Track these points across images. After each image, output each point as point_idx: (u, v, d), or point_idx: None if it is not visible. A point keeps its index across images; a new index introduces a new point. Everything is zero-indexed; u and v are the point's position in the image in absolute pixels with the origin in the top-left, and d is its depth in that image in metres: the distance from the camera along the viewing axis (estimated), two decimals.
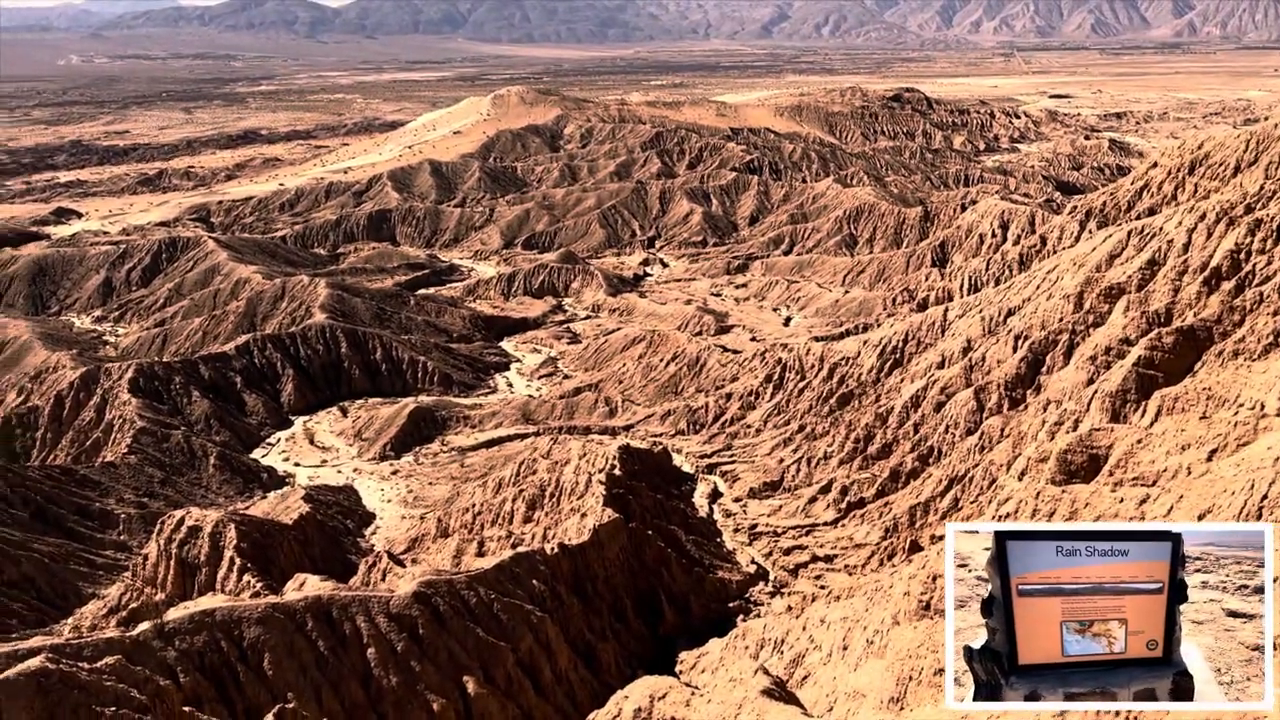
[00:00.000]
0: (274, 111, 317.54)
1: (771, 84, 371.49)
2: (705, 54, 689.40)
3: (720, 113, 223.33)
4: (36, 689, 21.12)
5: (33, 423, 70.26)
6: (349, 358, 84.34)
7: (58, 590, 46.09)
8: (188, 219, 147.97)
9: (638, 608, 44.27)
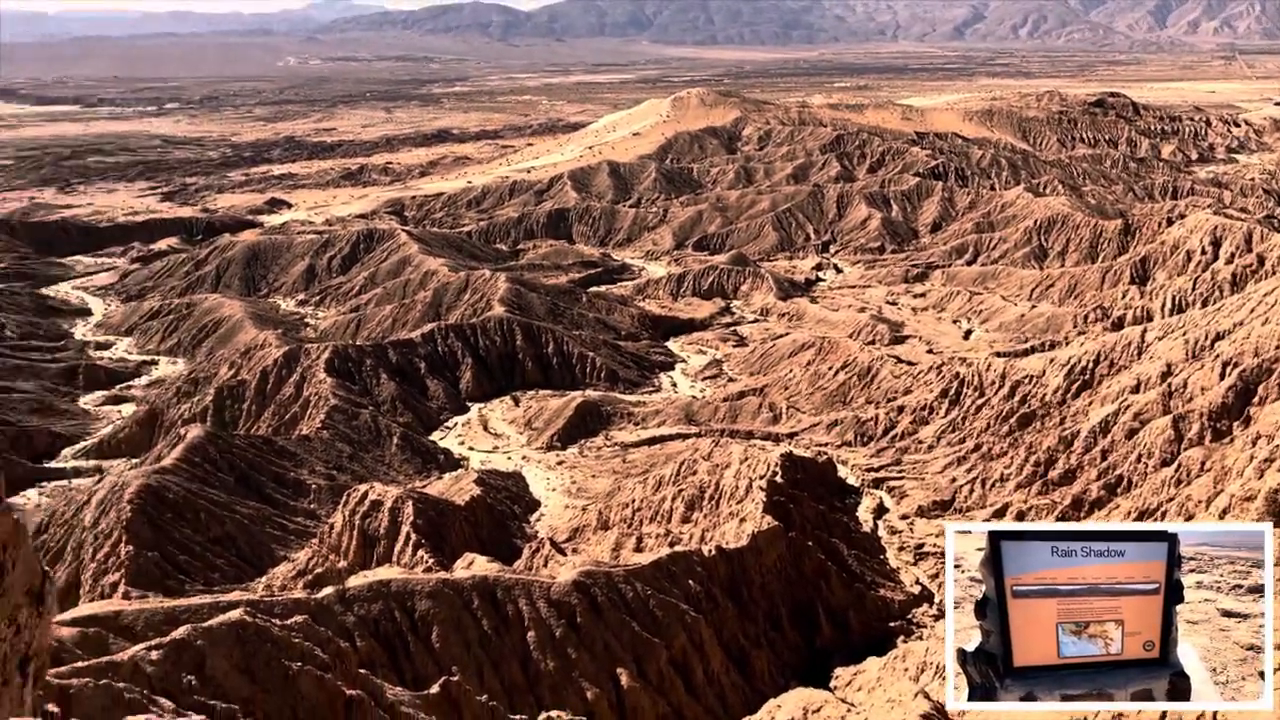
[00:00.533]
0: (466, 112, 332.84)
1: (962, 87, 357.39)
2: (892, 56, 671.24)
3: (905, 116, 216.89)
4: (236, 639, 23.09)
5: (240, 395, 76.58)
6: (523, 350, 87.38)
7: (254, 550, 50.09)
8: (384, 212, 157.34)
9: (793, 618, 43.64)
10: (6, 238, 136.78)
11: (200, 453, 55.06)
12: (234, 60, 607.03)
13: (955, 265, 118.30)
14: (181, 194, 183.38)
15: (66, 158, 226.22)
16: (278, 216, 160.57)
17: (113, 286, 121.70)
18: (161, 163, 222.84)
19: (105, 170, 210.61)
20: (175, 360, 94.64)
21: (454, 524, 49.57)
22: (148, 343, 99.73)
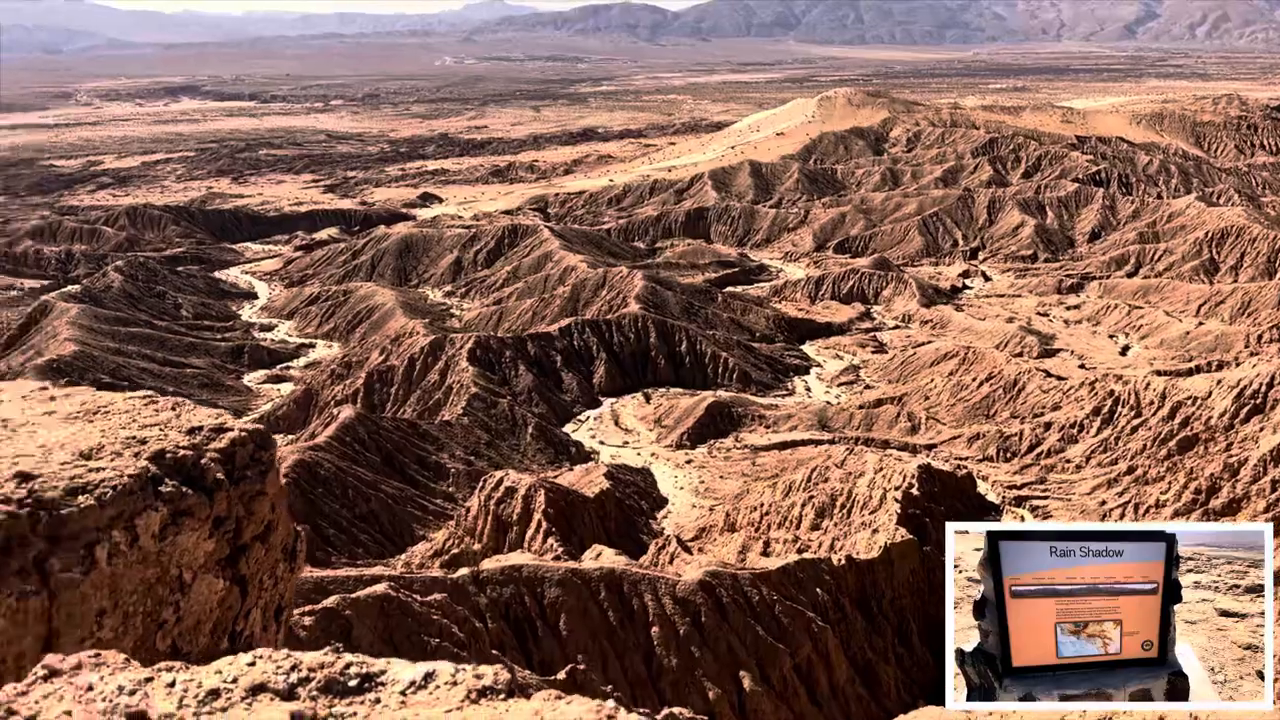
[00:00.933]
0: (611, 111, 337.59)
1: (1130, 89, 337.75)
2: (1054, 56, 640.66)
3: (1066, 119, 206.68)
4: (379, 611, 24.25)
5: (389, 379, 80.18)
6: (656, 347, 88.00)
7: (395, 528, 52.40)
8: (528, 208, 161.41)
9: (924, 634, 42.34)
10: (186, 224, 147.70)
11: (351, 432, 57.96)
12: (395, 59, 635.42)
13: (1114, 277, 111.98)
14: (342, 187, 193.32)
15: (241, 150, 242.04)
16: (429, 210, 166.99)
17: (277, 272, 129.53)
18: (325, 157, 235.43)
19: (275, 163, 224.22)
20: (331, 344, 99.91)
21: (583, 515, 50.45)
22: (307, 326, 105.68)
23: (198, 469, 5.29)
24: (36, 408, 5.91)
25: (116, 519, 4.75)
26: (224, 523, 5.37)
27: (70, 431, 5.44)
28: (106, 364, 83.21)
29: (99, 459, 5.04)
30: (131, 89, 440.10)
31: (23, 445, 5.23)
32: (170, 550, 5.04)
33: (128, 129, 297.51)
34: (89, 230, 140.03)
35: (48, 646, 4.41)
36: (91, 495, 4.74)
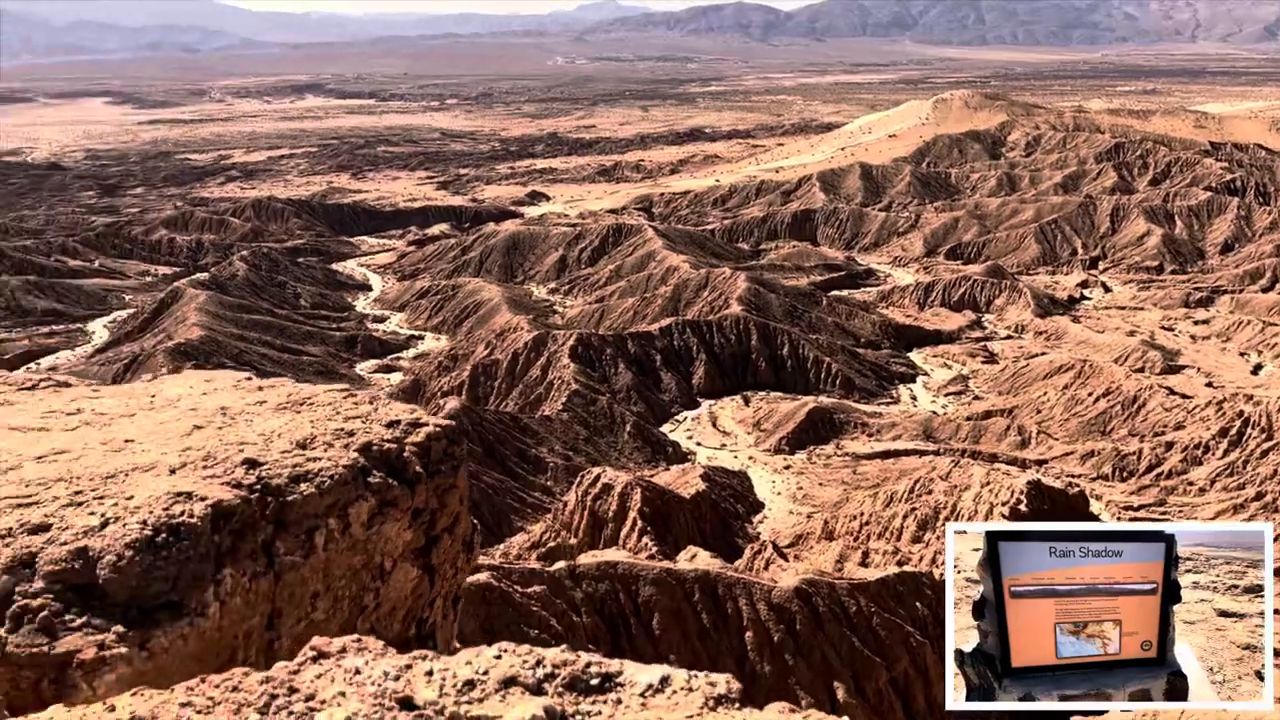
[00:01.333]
0: (719, 111, 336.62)
1: (1270, 94, 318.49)
2: (1188, 58, 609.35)
3: (1199, 124, 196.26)
4: (481, 599, 24.74)
5: (493, 373, 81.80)
6: (757, 350, 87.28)
7: (495, 518, 53.40)
8: (633, 208, 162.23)
9: None
10: (307, 217, 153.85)
11: (455, 423, 59.29)
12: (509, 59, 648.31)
13: (1247, 291, 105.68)
14: (454, 184, 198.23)
15: (360, 147, 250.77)
16: (536, 208, 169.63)
17: (391, 266, 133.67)
18: (439, 154, 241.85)
19: (391, 159, 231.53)
20: (439, 336, 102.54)
21: (678, 515, 50.40)
22: (417, 319, 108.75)
23: (400, 461, 5.57)
24: (248, 397, 6.23)
25: (332, 507, 5.05)
26: (421, 514, 5.67)
27: (283, 421, 5.75)
28: (230, 349, 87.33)
29: (313, 449, 5.34)
30: (261, 87, 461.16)
31: (244, 433, 5.54)
32: (375, 539, 5.34)
33: (256, 125, 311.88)
34: (218, 221, 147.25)
35: (270, 625, 4.73)
36: (311, 484, 5.04)
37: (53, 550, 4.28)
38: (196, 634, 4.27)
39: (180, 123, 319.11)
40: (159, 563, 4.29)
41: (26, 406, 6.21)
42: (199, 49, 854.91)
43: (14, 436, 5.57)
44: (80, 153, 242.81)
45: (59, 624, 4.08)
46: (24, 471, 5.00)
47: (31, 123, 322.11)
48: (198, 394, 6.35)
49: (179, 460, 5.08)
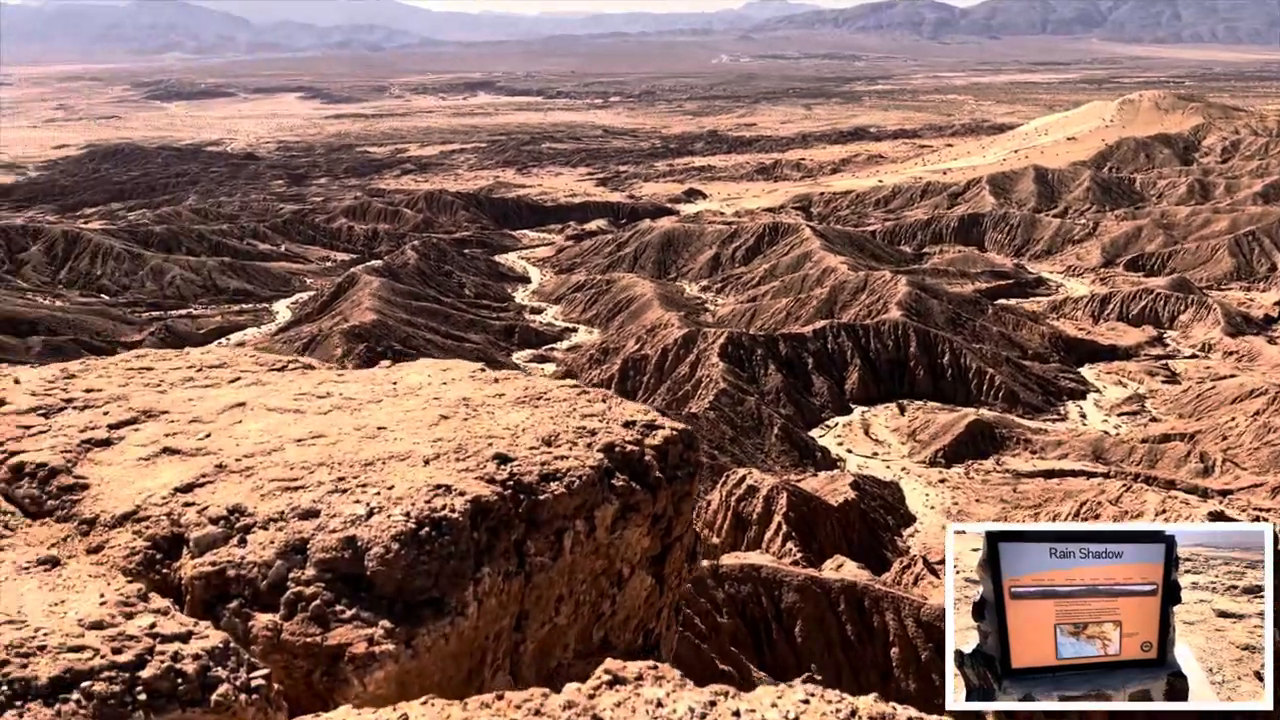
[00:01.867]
0: (885, 110, 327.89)
1: None
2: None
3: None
4: None
5: (642, 368, 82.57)
6: (915, 357, 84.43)
7: None
8: (791, 207, 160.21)
9: None
10: (474, 210, 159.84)
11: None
12: (674, 58, 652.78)
13: None
14: (614, 180, 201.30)
15: (526, 143, 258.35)
16: (692, 206, 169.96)
17: (549, 259, 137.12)
18: (600, 151, 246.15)
19: (555, 156, 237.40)
20: (592, 329, 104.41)
21: (825, 523, 49.34)
22: (572, 311, 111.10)
23: (642, 465, 5.46)
24: (486, 388, 6.26)
25: (580, 509, 4.99)
26: (659, 521, 5.56)
27: (524, 416, 5.72)
28: (399, 333, 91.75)
29: (558, 447, 5.29)
30: (437, 84, 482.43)
31: (490, 426, 5.52)
32: (618, 544, 5.26)
33: (430, 120, 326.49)
34: (392, 211, 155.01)
35: (518, 626, 4.71)
36: (561, 483, 4.97)
37: (323, 538, 4.28)
38: (456, 634, 4.23)
39: (362, 117, 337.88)
40: (422, 557, 4.24)
41: (279, 387, 6.34)
42: (383, 47, 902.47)
43: (272, 417, 5.68)
44: (273, 144, 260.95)
45: (330, 614, 4.06)
46: (287, 454, 5.06)
47: (232, 115, 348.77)
48: (437, 383, 6.37)
49: (432, 451, 5.06)
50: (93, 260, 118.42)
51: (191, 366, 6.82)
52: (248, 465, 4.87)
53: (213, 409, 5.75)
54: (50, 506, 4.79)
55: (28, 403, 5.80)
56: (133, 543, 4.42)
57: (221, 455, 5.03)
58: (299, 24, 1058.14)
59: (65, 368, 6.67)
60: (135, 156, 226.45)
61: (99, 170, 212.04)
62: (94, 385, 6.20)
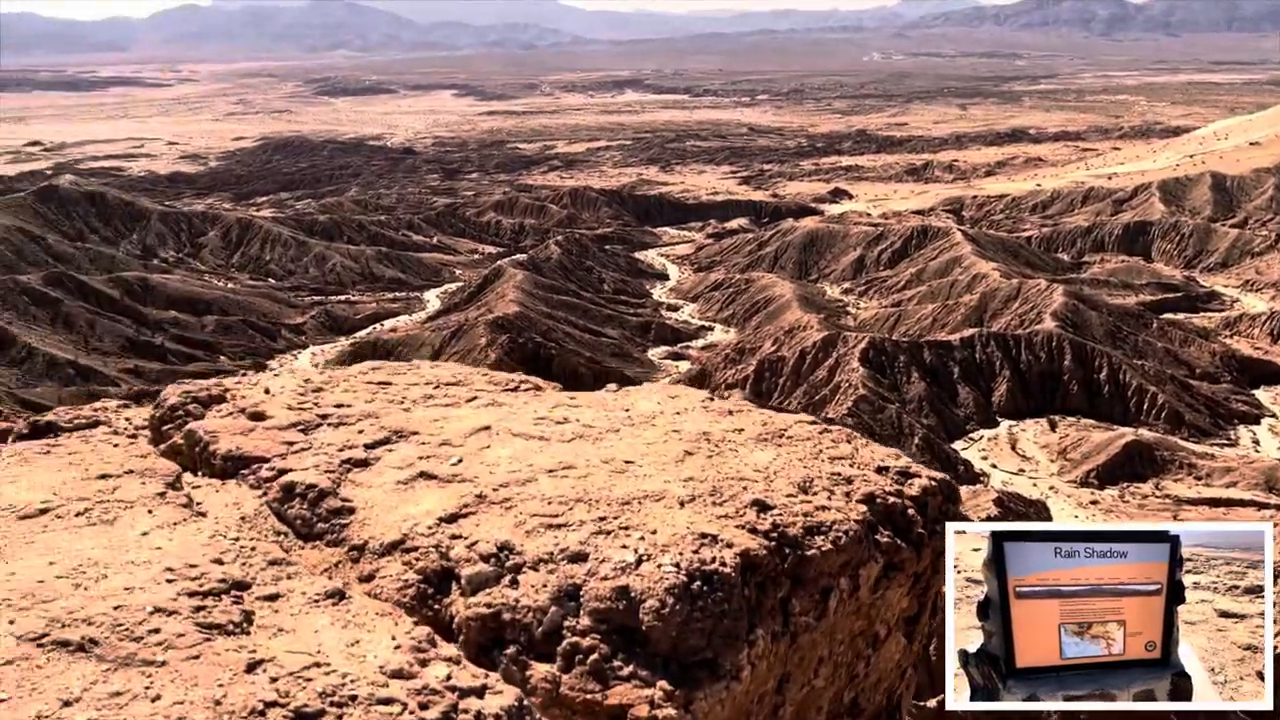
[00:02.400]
0: (1047, 111, 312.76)
1: None
2: None
3: None
4: None
5: (778, 370, 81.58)
6: (1070, 371, 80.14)
7: None
8: (941, 210, 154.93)
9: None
10: (616, 206, 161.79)
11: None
12: (823, 55, 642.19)
13: None
14: (757, 179, 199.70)
15: (671, 141, 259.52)
16: (837, 206, 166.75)
17: (688, 257, 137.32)
18: (745, 149, 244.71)
19: (699, 153, 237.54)
20: (728, 329, 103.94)
21: None
22: (708, 310, 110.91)
23: (904, 518, 5.11)
24: (721, 421, 6.00)
25: (845, 566, 4.71)
26: (919, 579, 5.29)
27: (771, 456, 5.39)
28: (540, 325, 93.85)
29: (815, 494, 4.97)
30: (586, 82, 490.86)
31: (738, 466, 5.21)
32: (879, 604, 5.00)
33: (578, 118, 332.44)
34: (538, 207, 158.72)
35: (779, 689, 4.52)
36: (826, 538, 4.67)
37: (595, 585, 4.09)
38: (731, 699, 4.00)
39: (513, 114, 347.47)
40: (696, 614, 4.02)
41: (516, 410, 6.23)
42: (535, 46, 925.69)
43: (518, 443, 5.53)
44: (429, 139, 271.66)
45: (609, 670, 3.87)
46: (541, 486, 4.91)
47: (392, 111, 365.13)
48: (670, 412, 6.14)
49: (685, 491, 4.81)
50: (262, 246, 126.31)
51: (429, 383, 6.79)
52: (506, 496, 4.76)
53: (460, 431, 5.68)
54: (320, 529, 4.76)
55: (286, 417, 5.83)
56: (404, 574, 4.33)
57: (478, 484, 4.93)
58: (458, 23, 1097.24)
59: (310, 379, 6.73)
60: (303, 149, 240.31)
61: (271, 161, 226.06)
62: (342, 400, 6.25)
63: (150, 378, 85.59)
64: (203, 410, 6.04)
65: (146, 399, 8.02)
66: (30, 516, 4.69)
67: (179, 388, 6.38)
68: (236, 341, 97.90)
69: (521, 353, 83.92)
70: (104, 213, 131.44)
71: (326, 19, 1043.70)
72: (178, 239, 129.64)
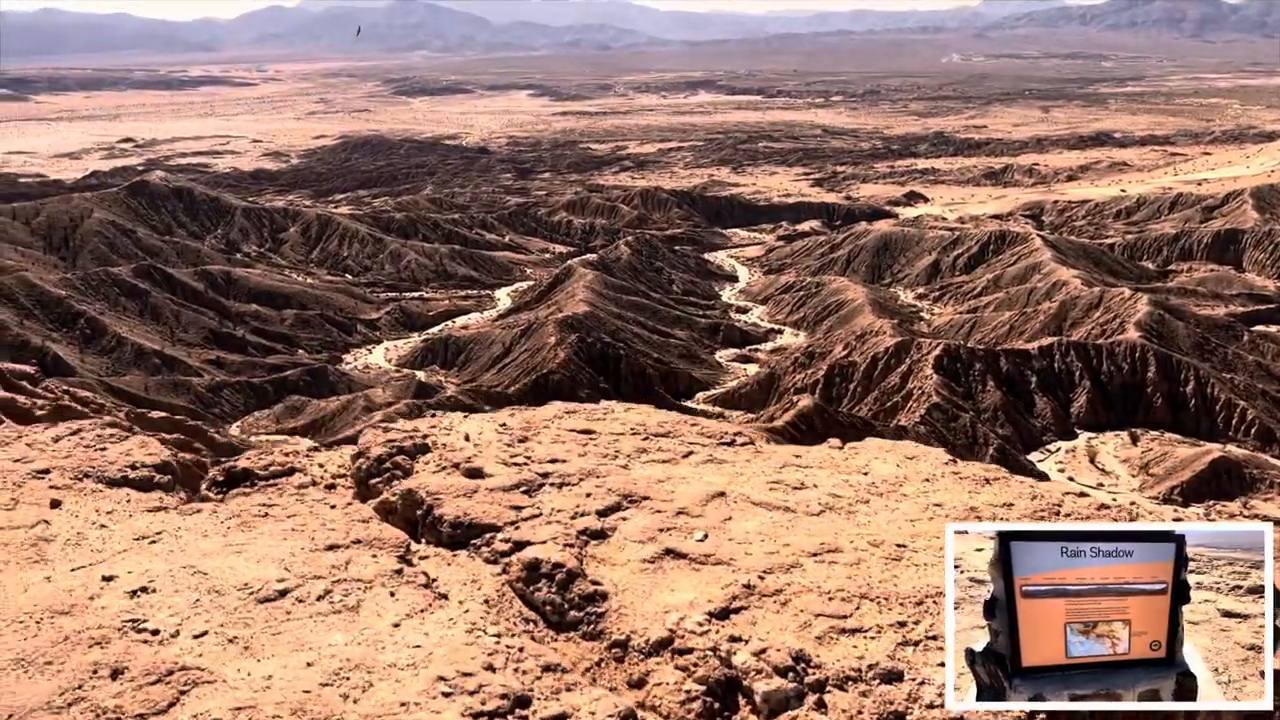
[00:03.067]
0: (1133, 114, 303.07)
1: None
2: None
3: None
4: None
5: (849, 375, 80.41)
6: (1154, 384, 77.37)
7: None
8: (1020, 215, 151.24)
9: None
10: (687, 207, 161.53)
11: (807, 421, 59.08)
12: (900, 56, 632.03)
13: None
14: (830, 181, 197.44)
15: (743, 142, 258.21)
16: (912, 210, 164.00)
17: (758, 259, 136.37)
18: (818, 151, 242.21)
19: (771, 155, 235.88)
20: (798, 332, 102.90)
21: None
22: (778, 313, 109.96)
23: None
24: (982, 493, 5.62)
25: None
26: None
27: None
28: (609, 325, 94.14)
29: None
30: (659, 82, 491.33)
31: None
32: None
33: (651, 119, 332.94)
34: (609, 207, 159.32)
35: None
36: None
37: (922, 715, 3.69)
38: None
39: (586, 114, 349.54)
40: None
41: (741, 470, 5.89)
42: (610, 46, 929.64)
43: (761, 514, 5.16)
44: (503, 139, 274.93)
45: None
46: (808, 573, 4.52)
47: (468, 111, 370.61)
48: (917, 478, 5.70)
49: None
50: (340, 242, 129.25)
51: (636, 433, 6.50)
52: (776, 587, 4.38)
53: (692, 497, 5.37)
54: (573, 618, 4.41)
55: (506, 476, 5.62)
56: (682, 684, 3.91)
57: (736, 568, 4.54)
58: (534, 24, 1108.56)
59: (506, 424, 6.50)
60: (381, 148, 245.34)
61: (349, 159, 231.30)
62: (554, 453, 6.00)
63: (231, 369, 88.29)
64: (410, 462, 5.81)
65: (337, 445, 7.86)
66: (270, 600, 4.43)
67: (380, 435, 6.12)
68: (314, 335, 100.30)
69: (590, 353, 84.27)
70: (191, 208, 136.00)
71: (407, 19, 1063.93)
72: (260, 234, 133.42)
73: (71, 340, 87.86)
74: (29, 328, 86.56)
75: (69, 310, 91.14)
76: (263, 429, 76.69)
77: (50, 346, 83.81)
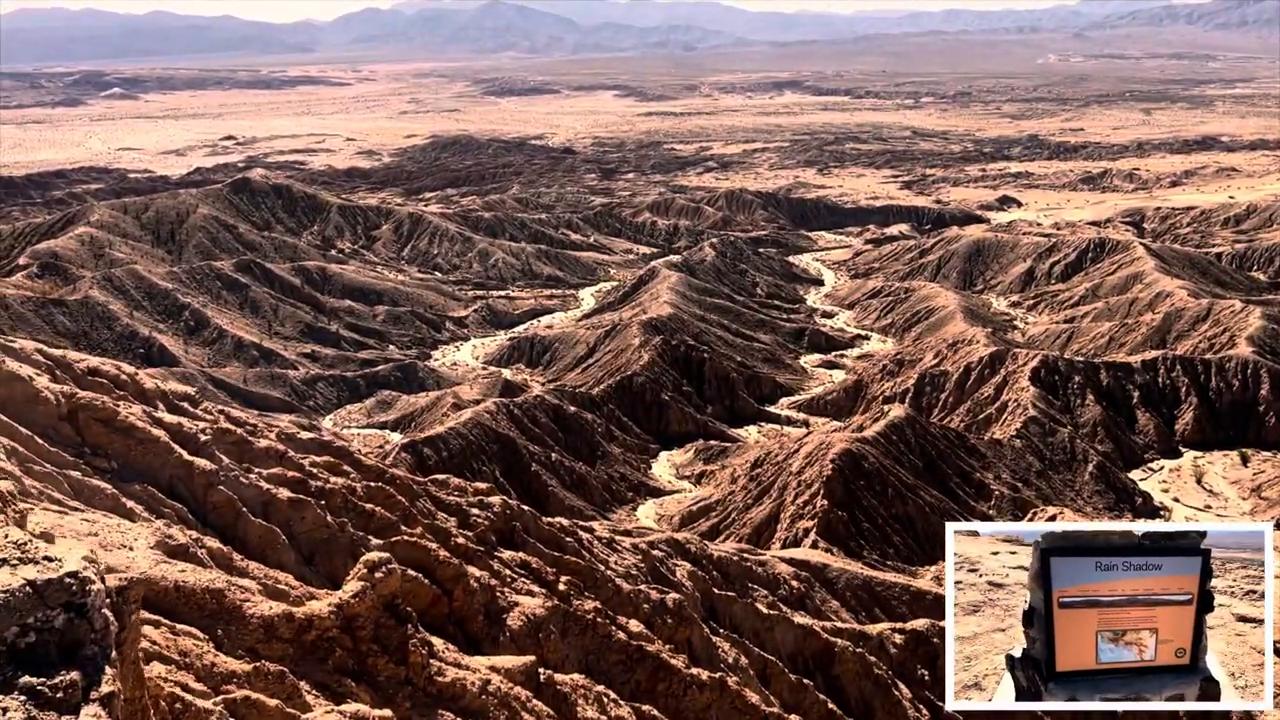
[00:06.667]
0: (1243, 117, 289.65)
1: None
2: None
3: None
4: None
5: (940, 385, 78.43)
6: (1267, 402, 73.51)
7: (929, 537, 51.10)
8: (1119, 221, 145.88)
9: None
10: (772, 209, 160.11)
11: (899, 432, 57.76)
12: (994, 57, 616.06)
13: None
14: (919, 184, 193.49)
15: (829, 143, 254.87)
16: (1005, 215, 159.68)
17: (845, 263, 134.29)
18: (907, 153, 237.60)
19: (858, 156, 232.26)
20: (885, 339, 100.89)
21: None
22: (865, 318, 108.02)
23: None
24: None
25: None
26: None
27: None
28: (692, 328, 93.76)
29: None
30: (745, 83, 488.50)
31: None
32: None
33: (736, 119, 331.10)
34: (693, 208, 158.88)
35: None
36: None
37: None
38: None
39: (671, 115, 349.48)
40: None
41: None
42: (696, 47, 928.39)
43: None
44: (589, 139, 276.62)
45: None
46: None
47: (555, 111, 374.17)
48: None
49: None
50: (431, 240, 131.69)
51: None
52: None
53: None
54: None
55: None
56: None
57: None
58: (621, 25, 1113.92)
59: None
60: (469, 147, 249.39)
61: (439, 159, 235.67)
62: None
63: (325, 363, 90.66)
64: None
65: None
66: None
67: None
68: (404, 332, 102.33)
69: (673, 355, 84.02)
70: (289, 204, 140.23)
71: (497, 21, 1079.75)
72: (354, 231, 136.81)
73: (176, 331, 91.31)
74: (138, 319, 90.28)
75: (175, 302, 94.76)
76: (354, 422, 78.53)
77: (156, 337, 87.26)
